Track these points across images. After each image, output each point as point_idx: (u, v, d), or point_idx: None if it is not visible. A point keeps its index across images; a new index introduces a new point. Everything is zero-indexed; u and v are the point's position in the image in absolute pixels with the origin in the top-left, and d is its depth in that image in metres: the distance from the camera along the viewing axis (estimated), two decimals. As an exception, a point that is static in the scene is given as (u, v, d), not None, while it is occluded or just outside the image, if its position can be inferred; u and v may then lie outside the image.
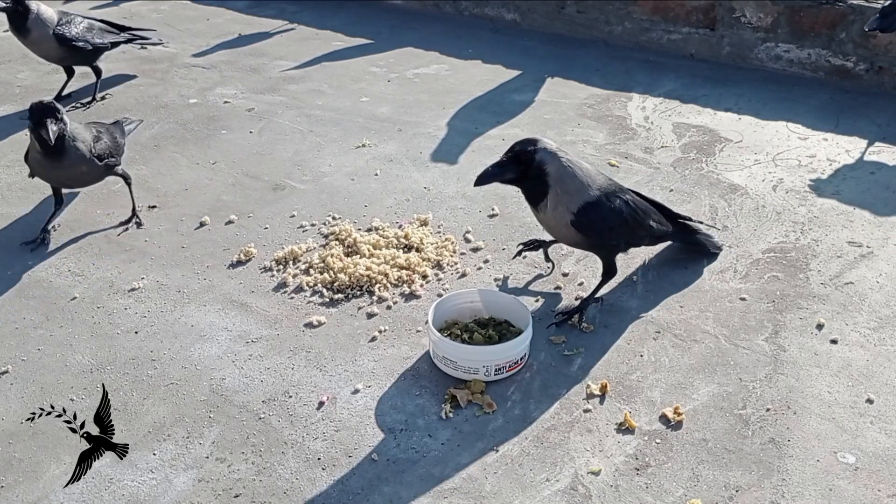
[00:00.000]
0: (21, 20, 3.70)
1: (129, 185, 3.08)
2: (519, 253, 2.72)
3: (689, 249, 2.78)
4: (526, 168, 2.29)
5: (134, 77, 4.42)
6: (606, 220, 2.36)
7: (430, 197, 3.21)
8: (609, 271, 2.49)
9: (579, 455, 2.02)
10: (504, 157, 2.31)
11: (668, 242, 2.75)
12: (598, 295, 2.52)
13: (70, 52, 3.86)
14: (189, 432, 2.11)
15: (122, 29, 4.22)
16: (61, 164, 2.80)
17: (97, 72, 4.07)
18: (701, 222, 2.79)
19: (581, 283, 2.65)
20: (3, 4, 3.64)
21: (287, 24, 5.27)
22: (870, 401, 2.17)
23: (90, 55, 3.96)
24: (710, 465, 1.99)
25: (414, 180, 3.33)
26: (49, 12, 3.81)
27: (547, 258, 2.71)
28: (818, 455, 2.01)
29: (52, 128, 2.64)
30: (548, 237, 2.62)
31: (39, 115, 2.65)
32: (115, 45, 4.15)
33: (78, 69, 4.14)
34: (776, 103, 3.96)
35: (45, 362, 2.36)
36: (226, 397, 2.23)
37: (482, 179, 2.30)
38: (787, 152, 3.52)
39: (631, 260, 2.75)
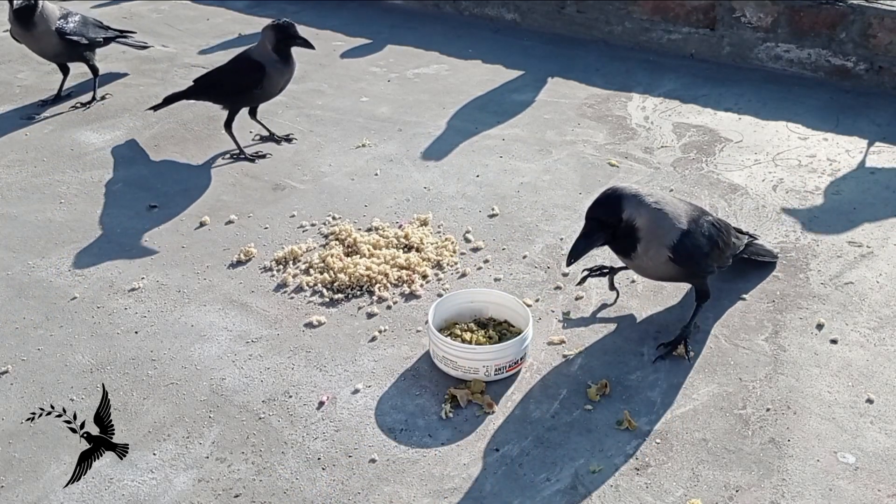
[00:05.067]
0: (29, 15, 3.76)
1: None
2: (584, 279, 2.57)
3: (753, 261, 2.66)
4: (614, 230, 2.16)
5: (126, 75, 4.43)
6: (702, 248, 2.26)
7: (430, 197, 3.21)
8: (704, 295, 2.39)
9: (579, 455, 2.02)
10: (587, 224, 2.16)
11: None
12: (695, 321, 2.41)
13: (68, 47, 3.91)
14: (189, 432, 2.11)
15: (108, 29, 4.24)
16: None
17: (94, 71, 4.09)
18: (749, 234, 2.66)
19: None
20: (21, 2, 3.70)
21: (287, 24, 5.27)
22: (870, 401, 2.18)
23: (85, 50, 4.00)
24: (710, 465, 1.99)
25: (414, 180, 3.33)
26: (52, 7, 3.87)
27: (612, 286, 2.57)
28: (818, 455, 2.02)
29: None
30: (618, 263, 2.50)
31: None
32: (107, 40, 4.19)
33: (74, 69, 4.15)
34: (776, 103, 3.97)
35: (45, 362, 2.36)
36: (226, 397, 2.23)
37: (574, 256, 2.16)
38: (787, 152, 3.52)
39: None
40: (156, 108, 3.62)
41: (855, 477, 1.96)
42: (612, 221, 2.14)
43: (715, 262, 2.35)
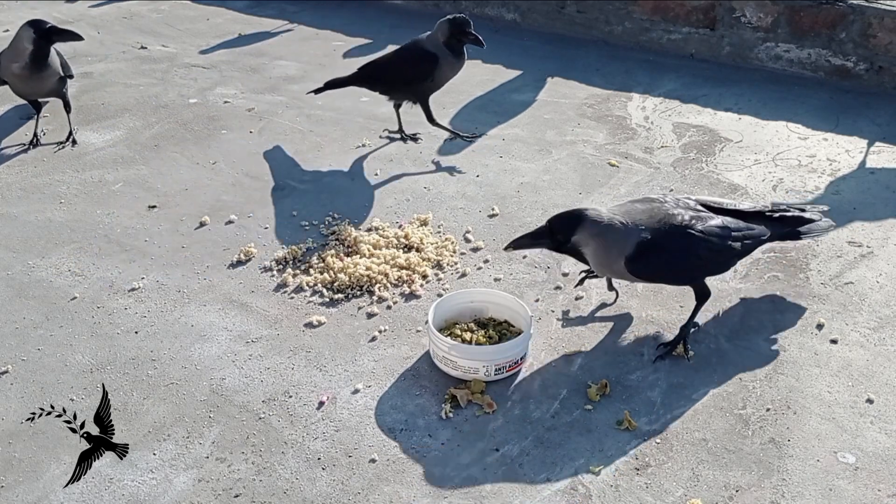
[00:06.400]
0: (45, 57, 3.48)
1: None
2: (582, 280, 2.58)
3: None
4: (559, 245, 2.26)
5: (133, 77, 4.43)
6: (670, 264, 2.26)
7: (430, 197, 3.21)
8: (702, 295, 2.37)
9: (579, 455, 2.02)
10: (543, 226, 2.27)
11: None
12: (695, 319, 2.40)
13: (60, 83, 3.63)
14: (189, 432, 2.11)
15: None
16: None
17: (69, 107, 3.75)
18: (800, 207, 2.54)
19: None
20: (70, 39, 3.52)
21: (287, 24, 5.27)
22: (870, 401, 2.18)
23: (65, 86, 3.71)
24: (710, 465, 1.99)
25: (414, 180, 3.33)
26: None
27: (611, 286, 2.57)
28: (818, 455, 2.02)
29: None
30: None
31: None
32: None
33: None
34: (776, 103, 3.97)
35: (45, 362, 2.36)
36: (226, 397, 2.23)
37: (515, 246, 2.31)
38: (787, 152, 3.52)
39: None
40: (317, 91, 3.61)
41: (855, 477, 1.96)
42: (560, 238, 2.25)
43: (699, 272, 2.34)
